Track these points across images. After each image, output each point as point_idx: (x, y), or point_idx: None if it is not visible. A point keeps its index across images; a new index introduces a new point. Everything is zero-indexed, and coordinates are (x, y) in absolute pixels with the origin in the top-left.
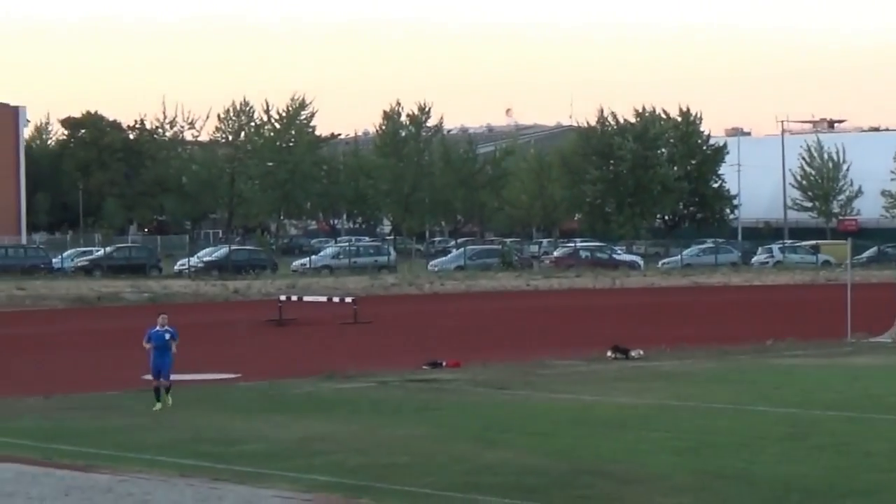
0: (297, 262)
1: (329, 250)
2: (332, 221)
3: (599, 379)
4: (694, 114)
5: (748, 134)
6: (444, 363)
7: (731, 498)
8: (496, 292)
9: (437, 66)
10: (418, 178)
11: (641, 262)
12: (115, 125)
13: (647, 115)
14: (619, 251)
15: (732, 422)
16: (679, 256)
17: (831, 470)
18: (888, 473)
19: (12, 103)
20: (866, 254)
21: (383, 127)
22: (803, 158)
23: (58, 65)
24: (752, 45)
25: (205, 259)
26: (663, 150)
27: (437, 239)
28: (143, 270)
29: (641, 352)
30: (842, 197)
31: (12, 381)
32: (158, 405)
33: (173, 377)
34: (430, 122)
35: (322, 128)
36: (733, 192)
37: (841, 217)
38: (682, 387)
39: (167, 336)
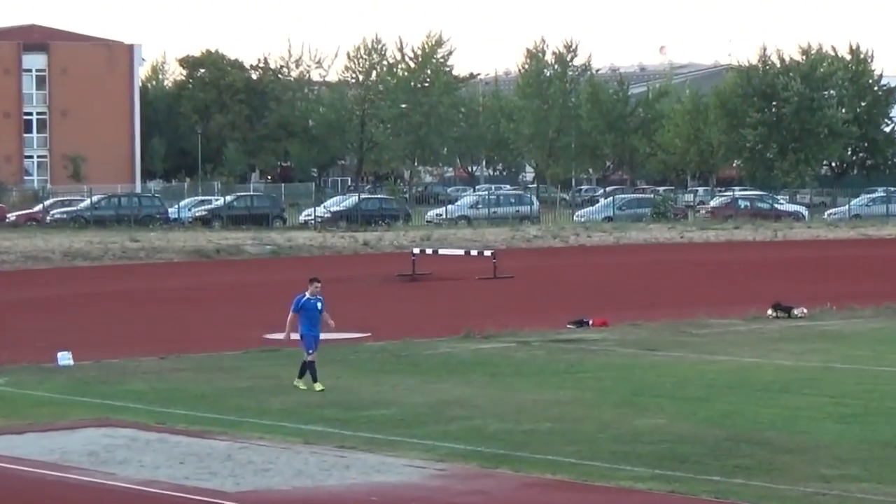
0: (431, 213)
1: (467, 199)
2: (470, 168)
3: (759, 339)
4: (865, 52)
5: None
6: (590, 322)
7: None
8: (648, 245)
9: (584, 0)
10: (564, 122)
11: (806, 213)
12: (237, 64)
13: (813, 53)
14: (781, 201)
15: None
16: (847, 207)
17: None
18: None
19: (127, 41)
20: None
21: (526, 66)
22: None
23: (176, 0)
24: None
25: (332, 209)
26: (831, 91)
27: (584, 187)
28: (266, 221)
29: (805, 310)
30: None
31: (125, 341)
32: (318, 386)
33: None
34: (577, 61)
35: (460, 67)
36: None
37: None
38: (849, 348)
39: (319, 306)
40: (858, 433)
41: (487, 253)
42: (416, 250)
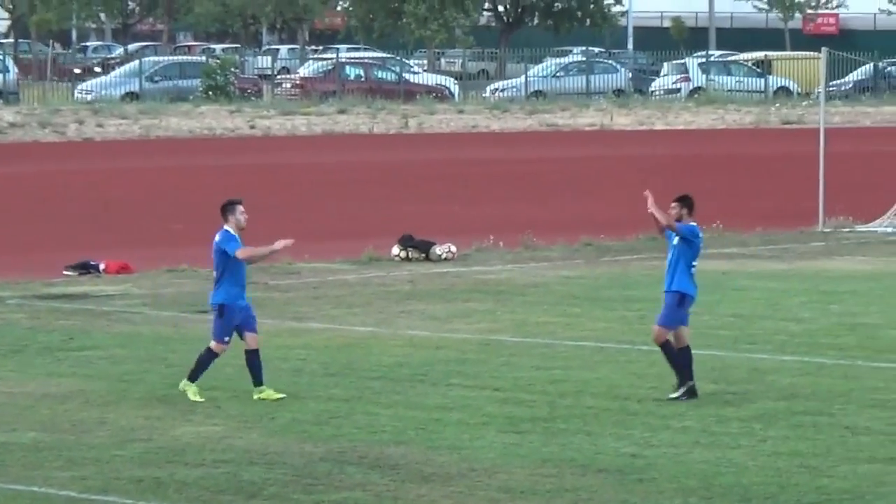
0: None
1: None
2: None
3: (377, 295)
4: None
5: None
6: (101, 266)
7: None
8: (194, 139)
9: None
10: None
11: (456, 88)
12: None
13: None
14: (416, 68)
15: (611, 371)
16: (521, 79)
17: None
18: None
19: None
20: (853, 76)
21: None
22: None
23: None
24: None
25: None
26: None
27: (92, 44)
28: None
29: (453, 249)
30: None
31: None
32: (267, 393)
33: None
34: None
35: None
36: None
37: (810, 13)
38: (525, 310)
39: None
40: (540, 450)
41: None
42: None
